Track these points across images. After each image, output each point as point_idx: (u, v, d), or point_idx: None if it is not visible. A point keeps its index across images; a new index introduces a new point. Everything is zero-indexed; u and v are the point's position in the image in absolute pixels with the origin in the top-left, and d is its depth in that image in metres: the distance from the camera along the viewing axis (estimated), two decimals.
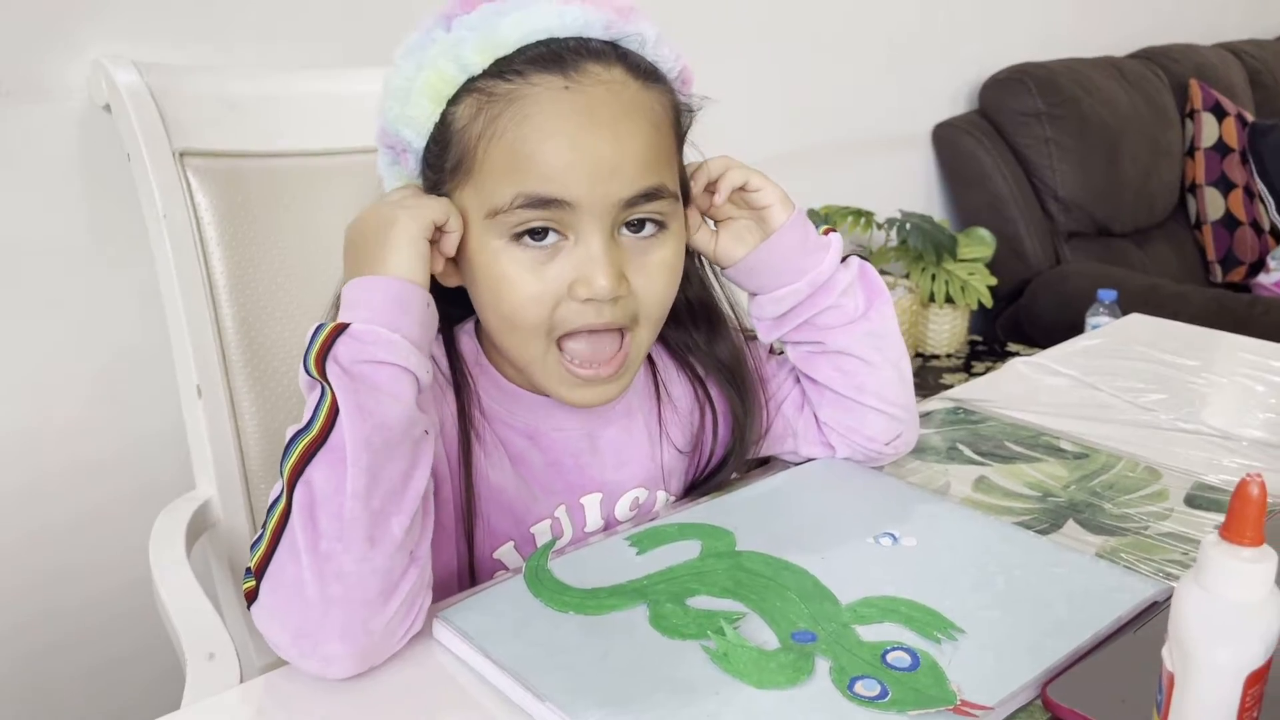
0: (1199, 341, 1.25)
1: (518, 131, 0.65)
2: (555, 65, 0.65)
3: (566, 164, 0.65)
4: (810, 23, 2.02)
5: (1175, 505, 0.84)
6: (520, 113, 0.65)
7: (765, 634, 0.62)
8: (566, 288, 0.67)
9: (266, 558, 0.60)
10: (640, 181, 0.67)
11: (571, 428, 0.77)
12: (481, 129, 0.66)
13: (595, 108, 0.65)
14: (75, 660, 1.25)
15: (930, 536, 0.74)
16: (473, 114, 0.66)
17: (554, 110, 0.65)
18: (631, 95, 0.67)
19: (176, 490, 1.02)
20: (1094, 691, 0.58)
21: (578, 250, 0.66)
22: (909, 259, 2.10)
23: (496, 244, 0.67)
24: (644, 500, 0.80)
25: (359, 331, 0.61)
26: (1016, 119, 2.35)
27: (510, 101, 0.65)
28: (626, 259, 0.68)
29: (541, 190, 0.65)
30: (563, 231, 0.66)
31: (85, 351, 1.20)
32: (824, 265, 0.79)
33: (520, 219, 0.66)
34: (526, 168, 0.65)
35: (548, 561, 0.69)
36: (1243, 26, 3.20)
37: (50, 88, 1.11)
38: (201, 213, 1.01)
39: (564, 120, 0.65)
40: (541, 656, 0.60)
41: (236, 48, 1.23)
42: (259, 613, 0.61)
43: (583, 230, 0.66)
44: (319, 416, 0.60)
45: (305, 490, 0.59)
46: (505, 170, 0.65)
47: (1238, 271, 2.66)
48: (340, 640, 0.59)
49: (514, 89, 0.65)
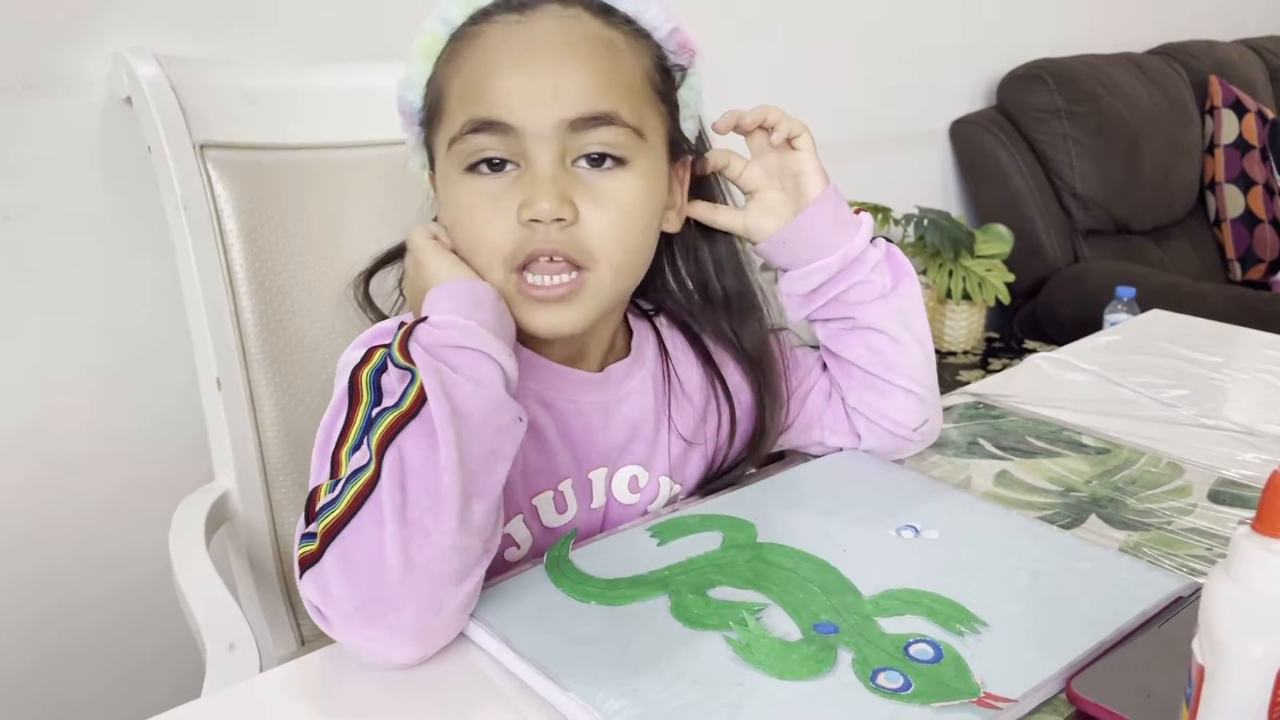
0: (1220, 337, 1.24)
1: (473, 62, 0.69)
2: (515, 5, 0.69)
3: (508, 88, 0.67)
4: (829, 19, 2.01)
5: (1199, 501, 0.83)
6: (477, 47, 0.69)
7: (787, 625, 0.62)
8: (517, 214, 0.68)
9: (341, 522, 0.59)
10: (584, 105, 0.67)
11: (586, 400, 0.77)
12: (448, 70, 0.70)
13: (541, 36, 0.68)
14: (95, 651, 1.25)
15: (952, 530, 0.74)
16: (446, 59, 0.71)
17: (504, 42, 0.68)
18: (585, 28, 0.69)
19: (196, 482, 1.02)
20: (1118, 685, 0.58)
21: (525, 175, 0.68)
22: (926, 255, 2.09)
23: (455, 174, 0.70)
24: (644, 483, 0.80)
25: (436, 320, 0.65)
26: (1035, 115, 2.34)
27: (472, 39, 0.69)
28: (578, 189, 0.68)
29: (485, 114, 0.67)
30: (515, 160, 0.68)
31: (105, 343, 1.20)
32: (856, 240, 0.80)
33: (472, 146, 0.68)
34: (475, 95, 0.68)
35: (569, 551, 0.69)
36: (1263, 23, 3.17)
37: (72, 81, 1.12)
38: (221, 205, 1.01)
39: (511, 48, 0.68)
40: (563, 646, 0.60)
41: (256, 40, 1.24)
42: (319, 577, 0.59)
43: (531, 156, 0.68)
44: (409, 394, 0.61)
45: (396, 458, 0.60)
46: (460, 100, 0.69)
47: (1257, 269, 2.64)
48: (413, 610, 0.58)
49: (477, 29, 0.69)
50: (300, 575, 0.60)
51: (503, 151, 0.68)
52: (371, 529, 0.59)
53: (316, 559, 0.59)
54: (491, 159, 0.68)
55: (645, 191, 0.71)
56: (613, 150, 0.69)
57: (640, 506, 0.80)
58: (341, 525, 0.59)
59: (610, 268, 0.70)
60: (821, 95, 2.04)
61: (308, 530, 0.61)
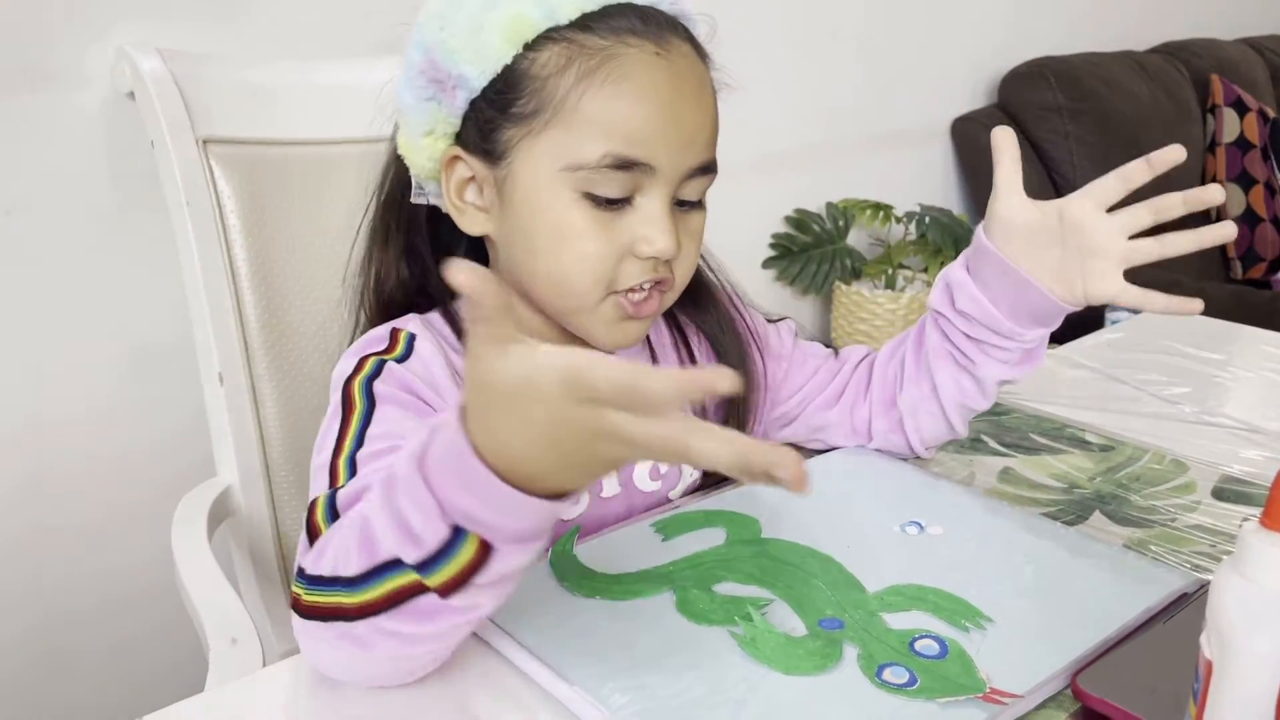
0: (1222, 335, 1.24)
1: (615, 89, 0.66)
2: (645, 32, 0.67)
3: (658, 129, 0.67)
4: (830, 16, 2.01)
5: (1203, 498, 0.83)
6: (617, 71, 0.66)
7: (792, 621, 0.62)
8: (628, 245, 0.68)
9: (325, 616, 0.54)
10: (706, 154, 0.70)
11: None
12: (575, 80, 0.66)
13: (683, 77, 0.68)
14: (98, 645, 1.25)
15: (957, 526, 0.74)
16: (562, 64, 0.66)
17: (649, 75, 0.66)
18: (702, 71, 0.70)
19: (198, 477, 1.02)
20: (1124, 681, 0.58)
21: (641, 211, 0.68)
22: (927, 253, 2.09)
23: (569, 196, 0.68)
24: (665, 470, 0.80)
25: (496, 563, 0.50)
26: (1036, 113, 2.34)
27: (607, 58, 0.66)
28: (678, 228, 0.70)
29: (630, 152, 0.66)
30: (630, 195, 0.68)
31: (108, 338, 1.20)
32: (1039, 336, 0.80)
33: (607, 179, 0.67)
34: (619, 127, 0.66)
35: (573, 546, 0.69)
36: (1265, 22, 3.17)
37: (74, 75, 1.12)
38: (224, 200, 1.01)
39: (659, 86, 0.67)
40: (568, 640, 0.60)
41: (260, 35, 1.24)
42: (306, 631, 0.56)
43: (650, 192, 0.68)
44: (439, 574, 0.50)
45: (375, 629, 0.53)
46: (596, 126, 0.66)
47: (1258, 268, 2.64)
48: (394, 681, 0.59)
49: (608, 46, 0.66)
50: (291, 605, 0.57)
51: (629, 189, 0.68)
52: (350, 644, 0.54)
53: (303, 615, 0.56)
54: (614, 196, 0.68)
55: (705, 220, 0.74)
56: (702, 195, 0.72)
57: (662, 493, 0.80)
58: (325, 618, 0.54)
59: (677, 290, 0.74)
60: (823, 92, 2.04)
61: (303, 565, 0.56)
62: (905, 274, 2.11)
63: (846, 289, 2.05)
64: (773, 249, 2.06)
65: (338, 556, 0.54)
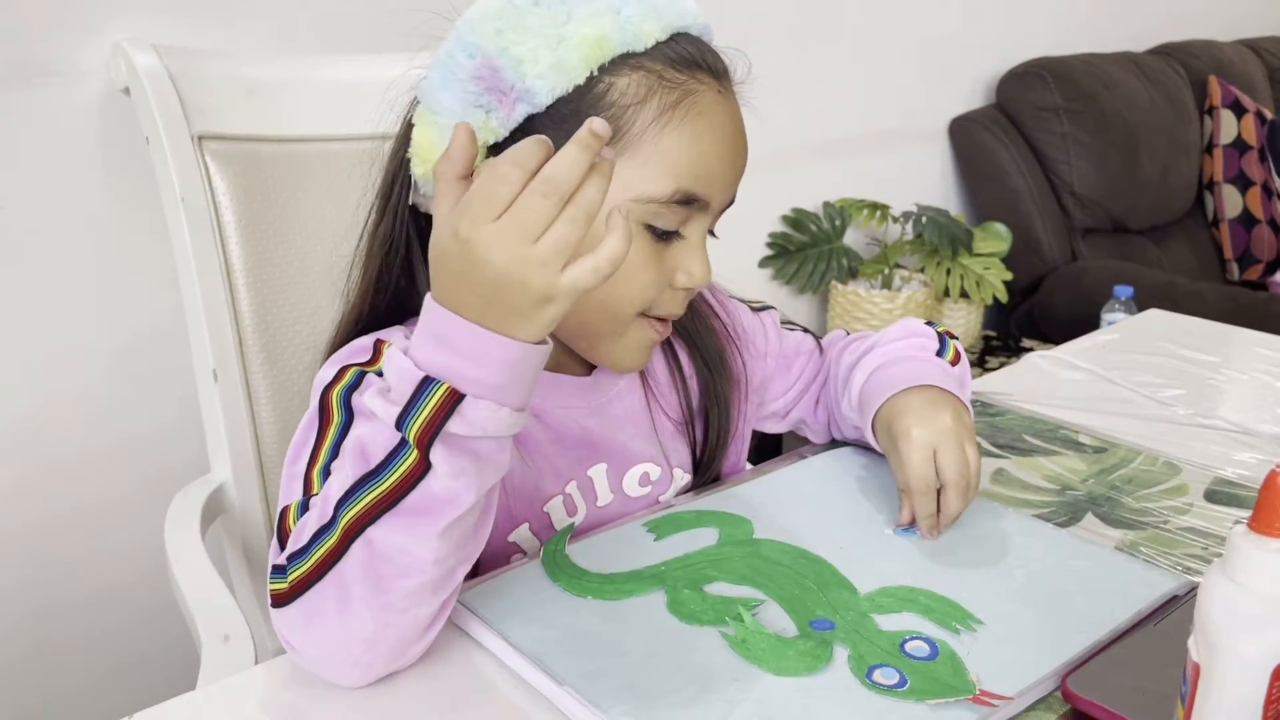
0: (1217, 337, 1.24)
1: (693, 128, 0.66)
2: (708, 67, 0.68)
3: (721, 169, 0.68)
4: (828, 16, 2.01)
5: (1195, 500, 0.83)
6: (694, 109, 0.66)
7: (783, 621, 0.62)
8: (670, 275, 0.69)
9: (307, 582, 0.57)
10: (734, 191, 0.71)
11: (576, 404, 0.77)
12: (656, 114, 0.65)
13: (736, 117, 0.70)
14: (90, 642, 1.25)
15: (949, 528, 0.74)
16: (643, 94, 0.65)
17: (718, 114, 0.68)
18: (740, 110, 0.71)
19: (192, 474, 1.02)
20: (1114, 683, 0.58)
21: (687, 242, 0.69)
22: (924, 253, 2.09)
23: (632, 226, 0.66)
24: (656, 477, 0.80)
25: (470, 412, 0.54)
26: (1034, 114, 2.34)
27: (685, 94, 0.66)
28: None
29: (698, 190, 0.67)
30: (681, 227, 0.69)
31: (101, 334, 1.20)
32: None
33: (672, 214, 0.67)
34: (692, 165, 0.66)
35: (565, 546, 0.69)
36: (1263, 23, 3.17)
37: (70, 70, 1.11)
38: (219, 196, 1.01)
39: (724, 125, 0.68)
40: (559, 640, 0.60)
41: (256, 32, 1.23)
42: (285, 622, 0.58)
43: (695, 225, 0.69)
44: (394, 471, 0.54)
45: (367, 549, 0.55)
46: (673, 162, 0.66)
47: (1255, 269, 2.64)
48: (380, 665, 0.59)
49: (686, 82, 0.67)
50: (271, 604, 0.59)
51: (683, 222, 0.68)
52: (334, 599, 0.56)
53: (284, 602, 0.58)
54: (671, 229, 0.68)
55: None
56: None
57: (651, 498, 0.80)
58: (307, 585, 0.57)
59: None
60: (821, 92, 2.04)
61: (277, 563, 0.59)
62: (902, 274, 2.12)
63: (843, 288, 2.05)
64: (769, 248, 2.07)
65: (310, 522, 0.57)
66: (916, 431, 0.73)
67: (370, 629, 0.57)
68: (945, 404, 0.75)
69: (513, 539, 0.74)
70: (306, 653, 0.59)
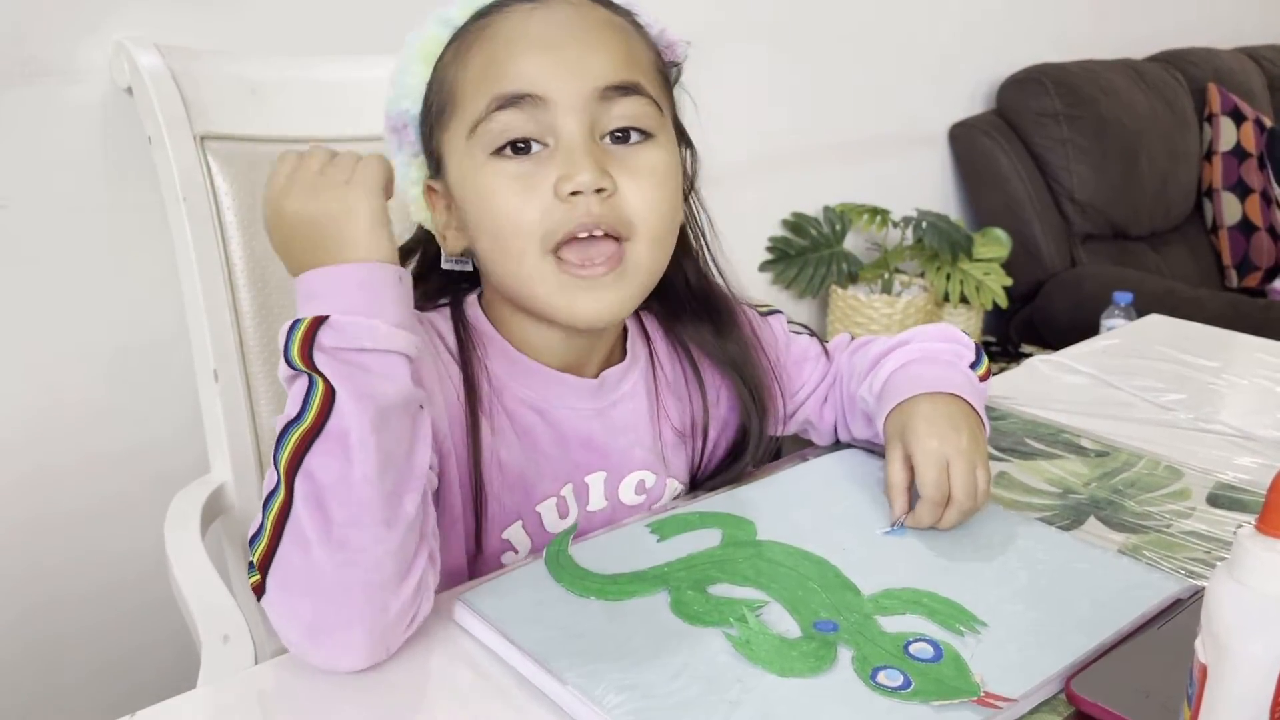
0: (1217, 342, 1.24)
1: (489, 48, 0.68)
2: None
3: (535, 61, 0.67)
4: (829, 22, 2.01)
5: (1197, 504, 0.83)
6: (490, 34, 0.68)
7: (787, 623, 0.62)
8: (553, 190, 0.66)
9: (270, 552, 0.59)
10: (612, 74, 0.67)
11: (581, 406, 0.76)
12: (458, 61, 0.69)
13: (561, 17, 0.68)
14: (90, 642, 1.25)
15: (952, 530, 0.74)
16: (452, 56, 0.70)
17: (522, 25, 0.68)
18: (599, 14, 0.70)
19: (192, 474, 1.02)
20: (1118, 686, 0.58)
21: (559, 151, 0.67)
22: (924, 258, 2.09)
23: (480, 159, 0.68)
24: (651, 485, 0.80)
25: (338, 323, 0.59)
26: (1034, 120, 2.34)
27: (482, 30, 0.69)
28: (612, 162, 0.68)
29: (513, 88, 0.66)
30: (542, 140, 0.67)
31: (103, 334, 1.20)
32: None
33: (499, 125, 0.67)
34: (498, 74, 0.67)
35: (568, 546, 0.69)
36: (1262, 31, 3.18)
37: (72, 69, 1.11)
38: (221, 196, 1.01)
39: (530, 28, 0.68)
40: (563, 640, 0.60)
41: (259, 31, 1.23)
42: (270, 607, 0.60)
43: (562, 130, 0.67)
44: (311, 405, 0.58)
45: (307, 481, 0.58)
46: (479, 84, 0.68)
47: (1253, 277, 2.65)
48: (359, 625, 0.58)
49: (486, 21, 0.69)
50: (259, 601, 0.61)
51: (531, 130, 0.67)
52: (298, 557, 0.58)
53: (263, 589, 0.60)
54: (517, 141, 0.67)
55: (672, 164, 0.71)
56: (639, 124, 0.69)
57: (645, 506, 0.80)
58: (270, 555, 0.59)
59: (648, 238, 0.69)
60: (822, 98, 2.05)
61: (250, 559, 0.61)
62: (902, 278, 2.12)
63: (843, 293, 2.05)
64: (769, 252, 2.06)
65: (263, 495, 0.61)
66: (934, 443, 0.73)
67: (332, 575, 0.57)
68: (965, 423, 0.75)
69: (506, 536, 0.74)
70: (293, 631, 0.59)
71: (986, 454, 0.76)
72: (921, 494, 0.73)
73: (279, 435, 0.60)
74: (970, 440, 0.74)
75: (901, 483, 0.74)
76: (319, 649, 0.59)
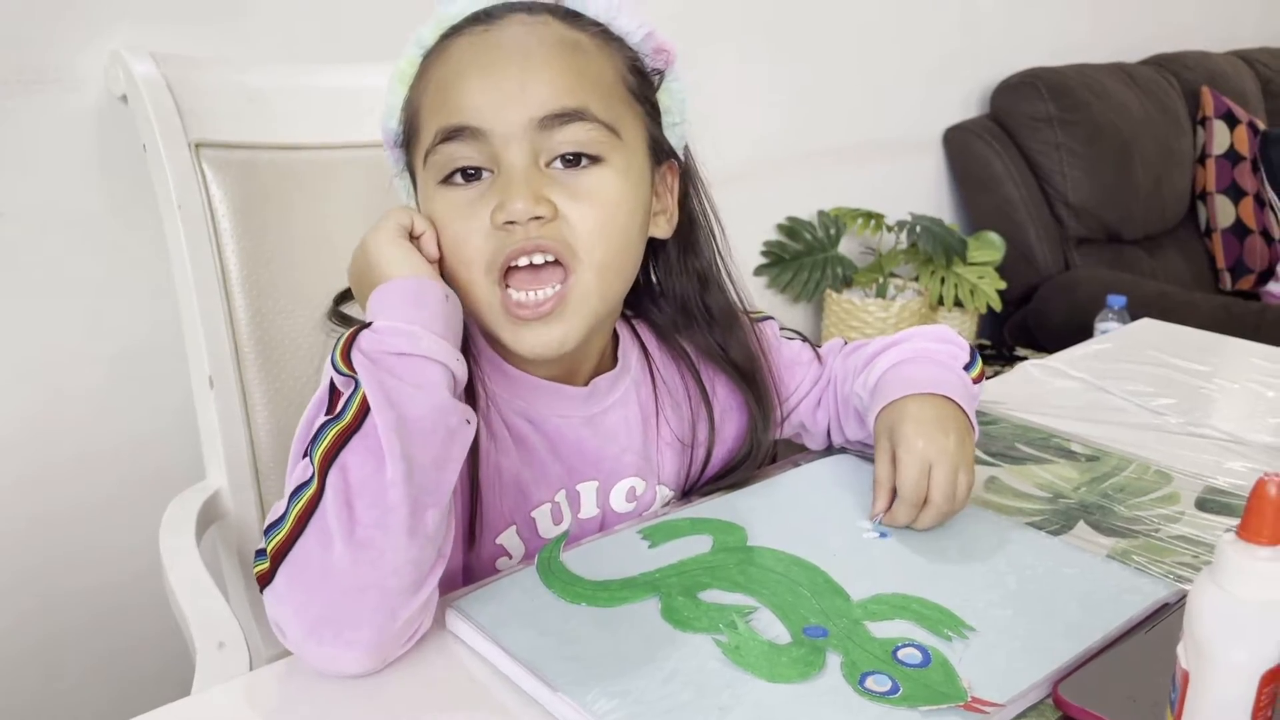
0: (1209, 347, 1.25)
1: (441, 74, 0.69)
2: (482, 18, 0.70)
3: (476, 91, 0.67)
4: (823, 26, 2.02)
5: (1186, 509, 0.84)
6: (444, 60, 0.70)
7: (777, 628, 0.62)
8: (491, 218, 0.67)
9: (289, 542, 0.59)
10: (552, 102, 0.66)
11: (572, 414, 0.77)
12: (419, 89, 0.71)
13: (506, 41, 0.68)
14: (84, 648, 1.25)
15: (941, 535, 0.74)
16: (418, 79, 0.72)
17: (469, 50, 0.69)
18: (551, 31, 0.69)
19: (187, 480, 1.02)
20: (1105, 691, 0.58)
21: (498, 180, 0.67)
22: (918, 262, 2.10)
23: (431, 188, 0.70)
24: (641, 492, 0.80)
25: (379, 327, 0.63)
26: (1028, 124, 2.35)
27: (439, 54, 0.70)
28: (555, 188, 0.67)
29: (454, 120, 0.67)
30: (489, 167, 0.68)
31: (98, 341, 1.20)
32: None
33: (445, 156, 0.68)
34: (443, 104, 0.68)
35: (560, 553, 0.70)
36: (1256, 34, 3.19)
37: (67, 78, 1.12)
38: (216, 204, 1.02)
39: (475, 55, 0.68)
40: (554, 647, 0.60)
41: (253, 40, 1.24)
42: (274, 597, 0.60)
43: (502, 160, 0.67)
44: (351, 406, 0.60)
45: (340, 476, 0.59)
46: (431, 112, 0.69)
47: (1247, 280, 2.65)
48: (368, 626, 0.58)
49: (445, 44, 0.70)
50: (261, 591, 0.61)
51: (475, 159, 0.67)
52: (319, 550, 0.58)
53: (270, 579, 0.60)
54: (465, 169, 0.68)
55: (626, 189, 0.69)
56: (586, 149, 0.68)
57: (636, 513, 0.81)
58: (289, 545, 0.59)
59: (594, 266, 0.68)
60: (817, 102, 2.05)
61: (260, 547, 0.61)
62: (896, 282, 2.12)
63: (838, 297, 2.05)
64: (764, 256, 2.07)
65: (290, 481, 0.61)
66: (920, 444, 0.74)
67: (350, 573, 0.57)
68: (953, 425, 0.76)
69: (500, 541, 0.75)
70: (296, 624, 0.59)
71: (972, 458, 0.76)
72: (900, 493, 0.74)
73: (316, 431, 0.61)
74: (956, 443, 0.75)
75: (886, 480, 0.75)
76: (321, 647, 0.59)
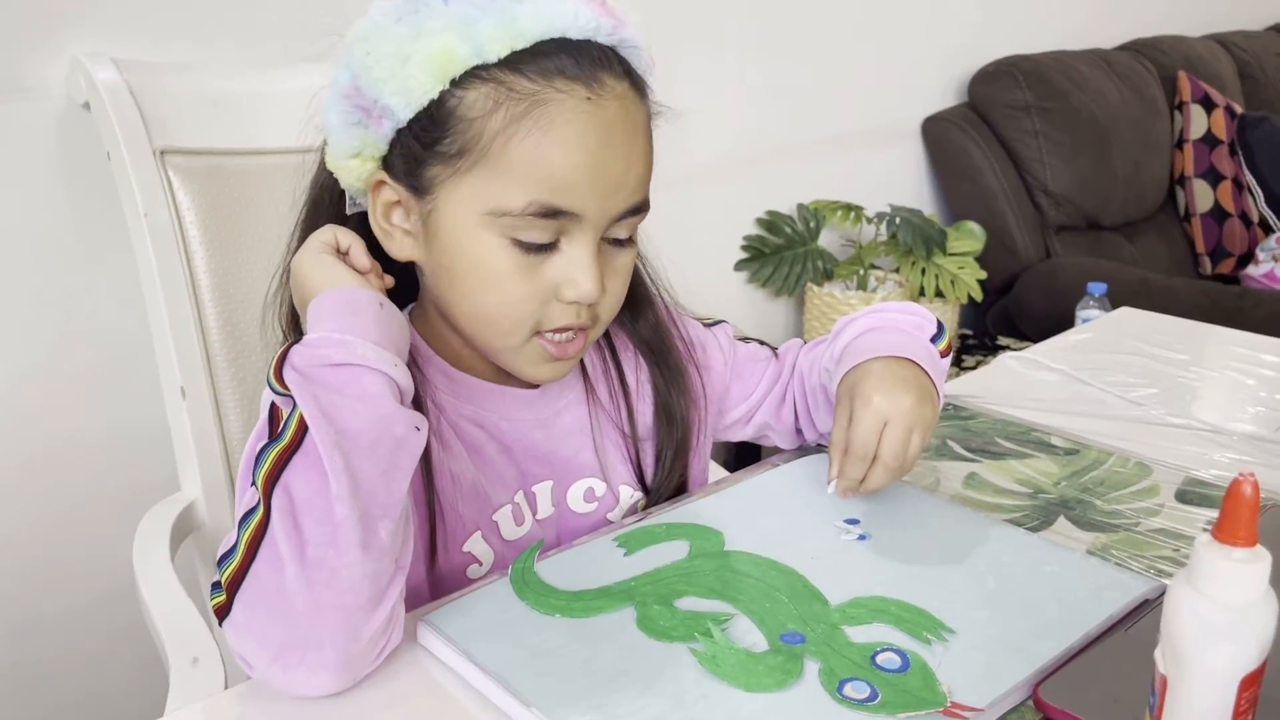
0: (1190, 335, 1.24)
1: (542, 138, 0.64)
2: (576, 74, 0.65)
3: (585, 179, 0.65)
4: (799, 19, 2.01)
5: (1166, 501, 0.83)
6: (545, 119, 0.64)
7: (754, 635, 0.62)
8: (553, 288, 0.68)
9: (242, 571, 0.58)
10: (635, 196, 0.69)
11: (520, 417, 0.77)
12: (502, 125, 0.64)
13: (612, 124, 0.66)
14: (56, 664, 1.24)
15: (920, 535, 0.74)
16: (490, 106, 0.64)
17: (579, 124, 0.65)
18: (636, 111, 0.68)
19: (161, 491, 1.01)
20: (1086, 692, 0.58)
21: (567, 254, 0.67)
22: (899, 253, 2.09)
23: (494, 241, 0.67)
24: (601, 494, 0.80)
25: (309, 340, 0.62)
26: (1006, 112, 2.35)
27: (535, 104, 0.64)
28: (605, 267, 0.69)
29: (556, 201, 0.65)
30: (556, 239, 0.67)
31: (66, 352, 1.19)
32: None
33: (532, 227, 0.66)
34: (546, 177, 0.65)
35: (534, 563, 0.69)
36: (1231, 18, 3.19)
37: (29, 85, 1.10)
38: (183, 211, 1.00)
39: (587, 135, 0.65)
40: (526, 660, 0.59)
41: (216, 45, 1.22)
42: (234, 629, 0.59)
43: (576, 237, 0.67)
44: (290, 425, 0.59)
45: (284, 497, 0.58)
46: (523, 174, 0.65)
47: (1227, 263, 2.66)
48: (331, 647, 0.57)
49: (538, 91, 0.64)
50: (220, 624, 0.60)
51: (554, 234, 0.67)
52: (272, 575, 0.57)
53: (228, 610, 0.59)
54: (539, 242, 0.67)
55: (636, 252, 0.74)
56: (633, 233, 0.72)
57: (599, 515, 0.80)
58: (242, 574, 0.58)
59: (604, 324, 0.74)
60: (793, 95, 2.04)
61: (215, 579, 0.60)
62: (877, 274, 2.12)
63: (819, 290, 2.05)
64: (744, 251, 2.06)
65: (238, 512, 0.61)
66: (877, 399, 0.73)
67: (305, 595, 0.57)
68: (913, 386, 0.75)
69: (468, 548, 0.74)
70: (260, 654, 0.58)
71: (930, 422, 0.75)
72: (849, 447, 0.73)
73: (257, 455, 0.60)
74: (914, 403, 0.74)
75: (840, 441, 0.75)
76: (287, 673, 0.58)
